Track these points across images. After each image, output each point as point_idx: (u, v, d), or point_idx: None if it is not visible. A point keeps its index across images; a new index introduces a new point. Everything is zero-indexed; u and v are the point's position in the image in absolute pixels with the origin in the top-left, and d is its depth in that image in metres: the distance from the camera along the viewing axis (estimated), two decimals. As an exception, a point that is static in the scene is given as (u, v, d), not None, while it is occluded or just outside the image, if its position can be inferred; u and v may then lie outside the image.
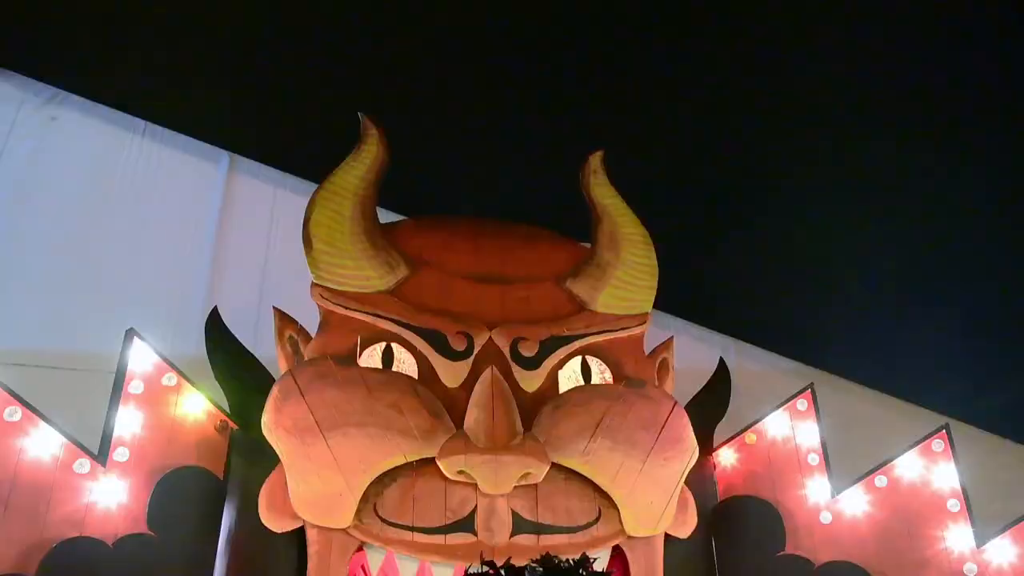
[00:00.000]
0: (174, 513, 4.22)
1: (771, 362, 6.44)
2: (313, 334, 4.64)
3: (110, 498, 4.10)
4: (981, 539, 4.53)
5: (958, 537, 4.55)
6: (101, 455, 4.18)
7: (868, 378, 6.66)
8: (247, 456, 4.47)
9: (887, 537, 4.63)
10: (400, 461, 4.26)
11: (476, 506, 4.28)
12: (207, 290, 5.90)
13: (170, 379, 4.45)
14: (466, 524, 4.24)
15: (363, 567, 5.04)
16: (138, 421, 4.29)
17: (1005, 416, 6.52)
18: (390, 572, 4.85)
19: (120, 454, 4.20)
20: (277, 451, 4.27)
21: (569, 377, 4.75)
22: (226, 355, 4.67)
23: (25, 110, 6.43)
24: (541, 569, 3.42)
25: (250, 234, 6.30)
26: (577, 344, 4.76)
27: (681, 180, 7.04)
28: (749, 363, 6.26)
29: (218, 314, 4.78)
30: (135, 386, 4.34)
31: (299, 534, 4.25)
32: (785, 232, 7.25)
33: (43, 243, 6.01)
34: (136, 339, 4.41)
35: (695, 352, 5.96)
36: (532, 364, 4.64)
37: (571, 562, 3.47)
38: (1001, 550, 4.48)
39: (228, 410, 4.60)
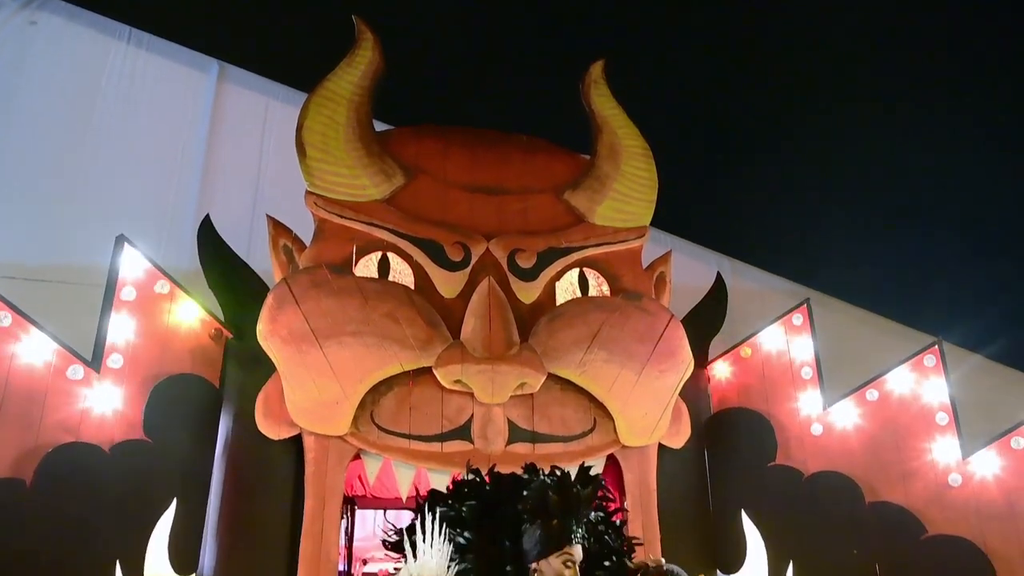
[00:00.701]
0: (170, 420, 4.21)
1: (766, 281, 6.42)
2: (308, 243, 4.58)
3: (105, 404, 4.08)
4: (967, 451, 4.60)
5: (945, 449, 4.61)
6: (95, 361, 4.14)
7: (862, 299, 6.68)
8: (243, 364, 4.45)
9: (876, 449, 4.69)
10: (397, 370, 4.27)
11: (472, 415, 4.32)
12: (198, 200, 5.79)
13: (163, 287, 4.39)
14: (463, 432, 4.29)
15: (360, 477, 5.10)
16: (131, 328, 4.24)
17: (994, 339, 6.57)
18: (387, 479, 4.91)
19: (114, 361, 4.16)
20: (273, 359, 4.24)
21: (566, 289, 4.74)
22: (219, 263, 4.60)
23: (2, 13, 6.19)
24: (527, 476, 3.44)
25: (242, 143, 6.16)
26: (575, 256, 4.73)
27: (683, 102, 6.93)
28: (745, 282, 6.25)
29: (210, 222, 4.68)
30: (127, 293, 4.28)
31: (296, 442, 4.27)
32: (783, 155, 7.20)
33: (28, 155, 5.85)
34: (126, 245, 4.32)
35: (692, 270, 5.94)
36: (529, 275, 4.61)
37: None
38: (986, 462, 4.54)
39: (223, 318, 4.55)
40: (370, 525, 7.05)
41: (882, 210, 7.50)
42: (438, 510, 2.88)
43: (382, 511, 6.05)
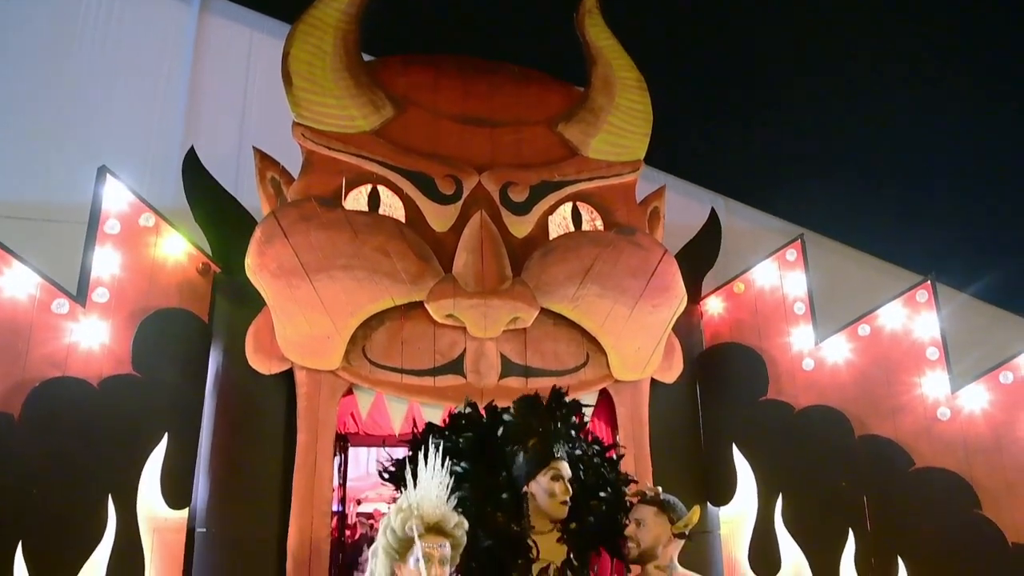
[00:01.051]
0: (159, 355, 4.16)
1: (761, 220, 6.40)
2: (296, 176, 4.49)
3: (92, 338, 4.02)
4: (956, 386, 4.64)
5: (934, 383, 4.64)
6: (80, 296, 4.07)
7: (856, 239, 6.66)
8: (232, 299, 4.39)
9: (866, 383, 4.72)
10: (388, 304, 4.23)
11: (465, 349, 4.30)
12: (183, 133, 5.65)
13: (147, 219, 4.30)
14: (455, 367, 4.28)
15: (352, 414, 5.10)
16: (116, 262, 4.17)
17: (984, 278, 6.59)
18: (379, 416, 4.91)
19: (99, 295, 4.09)
20: (262, 294, 4.19)
21: (559, 223, 4.69)
22: (205, 196, 4.50)
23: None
24: (522, 408, 3.45)
25: (226, 77, 6.00)
26: (568, 190, 4.67)
27: (678, 37, 6.79)
28: (739, 221, 6.22)
29: (195, 154, 4.58)
30: (111, 226, 4.19)
31: (288, 376, 4.24)
32: (780, 94, 7.10)
33: (7, 89, 5.67)
34: (109, 177, 4.22)
35: (686, 209, 5.89)
36: (522, 209, 4.55)
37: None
38: (974, 396, 4.58)
39: (210, 252, 4.48)
40: (363, 465, 7.09)
41: (877, 151, 7.44)
42: (435, 442, 2.85)
43: (375, 449, 6.07)
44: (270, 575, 4.08)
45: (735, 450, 4.76)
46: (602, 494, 3.46)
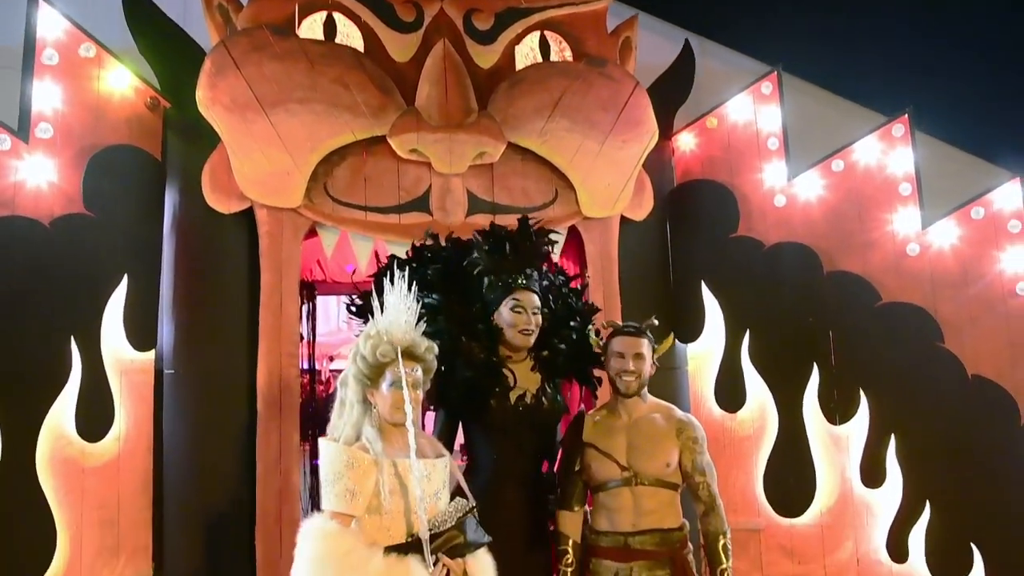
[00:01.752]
0: (112, 193, 4.04)
1: (735, 61, 6.17)
2: (245, 2, 4.24)
3: (39, 176, 3.88)
4: (927, 222, 4.65)
5: (905, 220, 4.64)
6: (21, 131, 3.90)
7: (831, 80, 6.49)
8: (184, 135, 4.23)
9: (837, 219, 4.71)
10: (349, 139, 4.11)
11: (430, 185, 4.22)
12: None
13: (88, 50, 4.07)
14: (420, 203, 4.21)
15: (319, 261, 5.04)
16: (58, 95, 3.97)
17: (960, 118, 6.51)
18: (345, 263, 4.85)
19: (43, 130, 3.92)
20: (216, 129, 4.04)
21: (527, 54, 4.52)
22: (150, 24, 4.23)
23: None
24: (485, 238, 3.43)
25: None
26: (536, 18, 4.47)
27: None
28: (712, 61, 5.97)
29: (135, -20, 4.29)
30: (48, 56, 3.96)
31: (248, 215, 4.14)
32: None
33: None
34: (42, 2, 3.96)
35: (657, 48, 5.66)
36: (487, 38, 4.37)
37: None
38: (944, 232, 4.60)
39: (158, 86, 4.27)
40: (334, 320, 7.08)
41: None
42: (400, 274, 2.79)
43: (345, 299, 6.05)
44: (241, 414, 4.12)
45: (704, 287, 4.78)
46: (572, 323, 3.49)
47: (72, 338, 3.87)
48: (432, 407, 3.38)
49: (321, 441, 2.65)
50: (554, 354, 3.45)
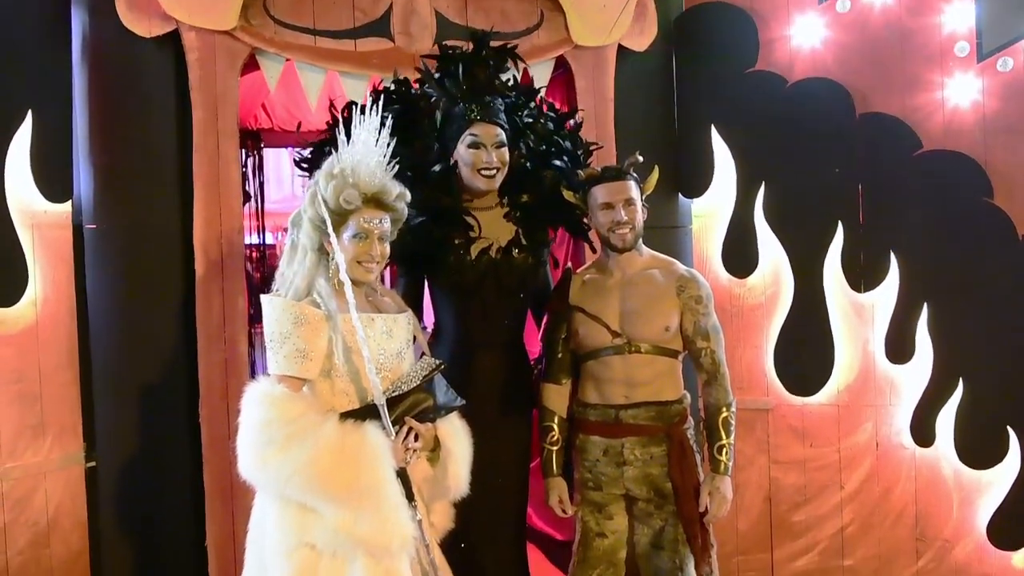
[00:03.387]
0: (5, 11, 3.47)
1: None
2: None
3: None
4: (982, 54, 4.03)
5: (956, 52, 4.04)
6: None
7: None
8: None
9: (875, 52, 4.09)
10: (292, -57, 3.54)
11: (391, 5, 3.67)
12: None
13: None
14: (380, 27, 3.67)
15: (264, 105, 4.55)
16: None
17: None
18: (294, 107, 4.37)
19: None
20: (129, -69, 3.45)
21: None
22: None
23: None
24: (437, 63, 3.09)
25: None
26: None
27: None
28: None
29: None
30: None
31: (175, 39, 3.58)
32: None
33: None
34: None
35: None
36: None
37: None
38: (1002, 68, 4.00)
39: None
40: (288, 185, 6.61)
41: None
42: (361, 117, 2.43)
43: (293, 154, 5.61)
44: (177, 276, 3.71)
45: (714, 132, 4.28)
46: (557, 162, 3.06)
47: (-31, 185, 3.40)
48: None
49: (264, 298, 2.39)
50: (536, 199, 3.05)
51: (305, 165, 3.18)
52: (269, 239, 5.72)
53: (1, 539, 3.42)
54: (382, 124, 2.44)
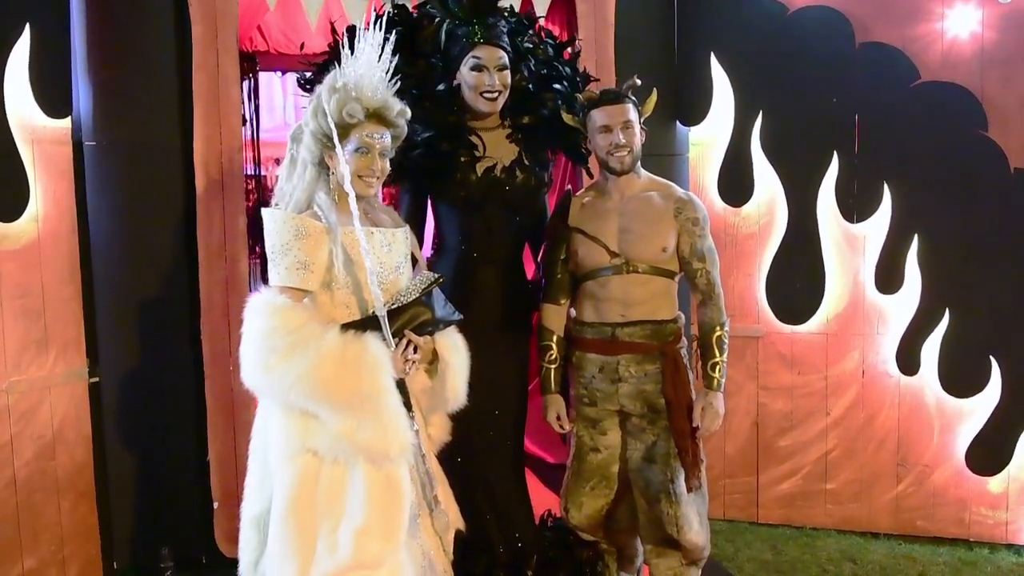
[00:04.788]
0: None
1: None
2: None
3: None
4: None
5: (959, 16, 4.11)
6: None
7: None
8: None
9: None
10: None
11: (393, -81, 3.72)
12: None
13: None
14: (380, -54, 3.72)
15: (259, 27, 4.55)
16: None
17: None
18: (291, 31, 4.37)
19: None
20: None
21: None
22: None
23: None
24: None
25: None
26: None
27: None
28: None
29: None
30: None
31: (171, -47, 3.65)
32: None
33: None
34: None
35: None
36: None
37: None
38: (1003, 5, 4.10)
39: None
40: (279, 112, 6.59)
41: None
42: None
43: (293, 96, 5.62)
44: (177, 193, 3.84)
45: (713, 60, 4.37)
46: (557, 86, 3.15)
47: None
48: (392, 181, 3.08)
49: (265, 211, 2.43)
50: (537, 120, 3.14)
51: (309, 87, 3.23)
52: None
53: (8, 451, 3.55)
54: (384, 43, 2.48)
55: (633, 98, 3.03)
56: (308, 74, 3.27)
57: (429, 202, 3.26)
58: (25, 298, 3.60)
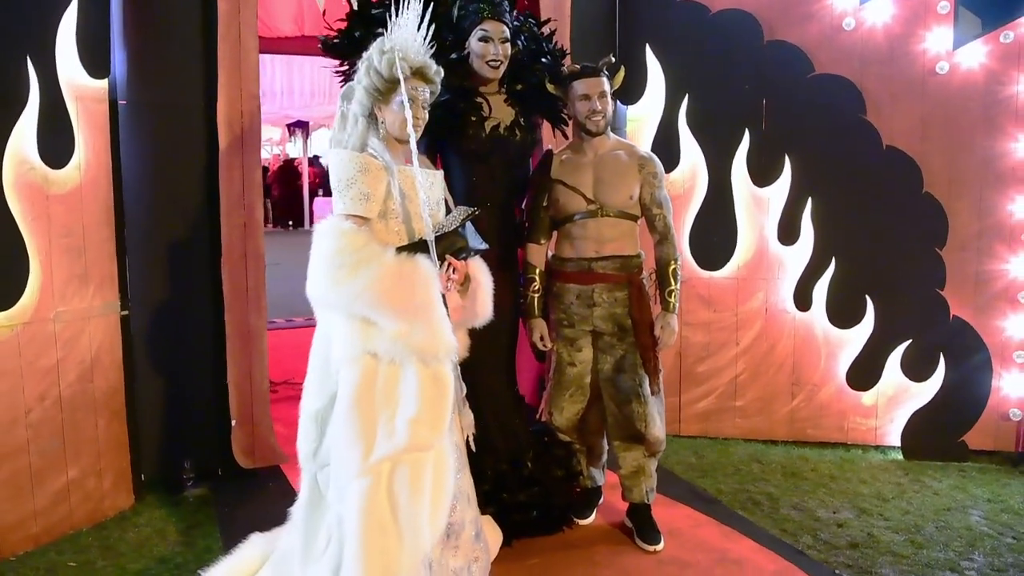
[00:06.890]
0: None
1: None
2: None
3: None
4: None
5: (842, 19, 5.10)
6: None
7: None
8: None
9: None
10: None
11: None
12: None
13: None
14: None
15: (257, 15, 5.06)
16: None
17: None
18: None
19: None
20: None
21: None
22: None
23: None
24: None
25: None
26: None
27: None
28: None
29: None
30: None
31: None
32: None
33: None
34: None
35: None
36: None
37: None
38: (878, 9, 5.00)
39: None
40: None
41: None
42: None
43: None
44: (200, 149, 4.46)
45: (648, 50, 5.30)
46: (543, 59, 3.86)
47: (28, 57, 3.93)
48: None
49: (332, 151, 2.88)
50: (529, 88, 3.83)
51: (334, 50, 3.72)
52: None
53: (55, 372, 4.04)
54: (422, 15, 2.91)
55: (607, 72, 3.74)
56: (334, 39, 3.71)
57: (438, 156, 3.91)
58: (70, 237, 4.09)
